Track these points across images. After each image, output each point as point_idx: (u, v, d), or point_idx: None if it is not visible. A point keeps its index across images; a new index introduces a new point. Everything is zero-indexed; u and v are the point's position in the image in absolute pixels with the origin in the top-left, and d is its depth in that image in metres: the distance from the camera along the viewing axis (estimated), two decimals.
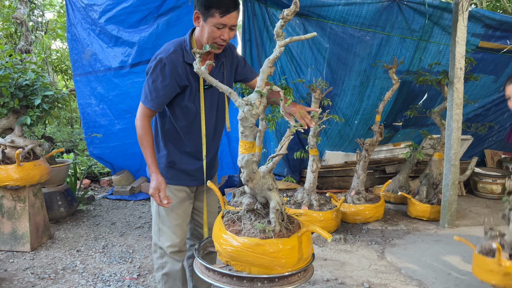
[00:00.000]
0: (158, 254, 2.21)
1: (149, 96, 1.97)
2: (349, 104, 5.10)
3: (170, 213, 2.15)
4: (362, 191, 4.37)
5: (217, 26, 1.88)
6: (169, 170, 2.13)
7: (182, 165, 2.13)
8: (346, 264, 3.28)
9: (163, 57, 1.95)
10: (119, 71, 4.73)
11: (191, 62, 1.96)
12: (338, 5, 4.43)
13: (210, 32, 1.91)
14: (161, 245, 2.18)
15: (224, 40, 1.93)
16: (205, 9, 1.87)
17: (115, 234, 3.98)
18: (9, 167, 3.34)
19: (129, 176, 5.48)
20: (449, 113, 4.08)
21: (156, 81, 1.95)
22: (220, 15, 1.86)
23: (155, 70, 1.95)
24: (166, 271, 2.20)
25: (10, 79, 3.35)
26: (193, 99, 2.05)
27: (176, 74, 1.95)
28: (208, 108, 2.10)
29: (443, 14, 4.56)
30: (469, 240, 3.72)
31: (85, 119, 5.00)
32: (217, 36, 1.91)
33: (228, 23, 1.89)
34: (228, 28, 1.91)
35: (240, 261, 1.61)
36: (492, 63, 5.06)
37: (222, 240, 1.65)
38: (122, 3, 4.41)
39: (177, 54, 1.97)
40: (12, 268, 3.18)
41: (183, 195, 2.18)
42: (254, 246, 1.59)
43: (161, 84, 1.94)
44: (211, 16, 1.87)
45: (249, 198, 1.73)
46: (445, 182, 4.16)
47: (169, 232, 2.16)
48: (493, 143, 6.15)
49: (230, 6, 1.86)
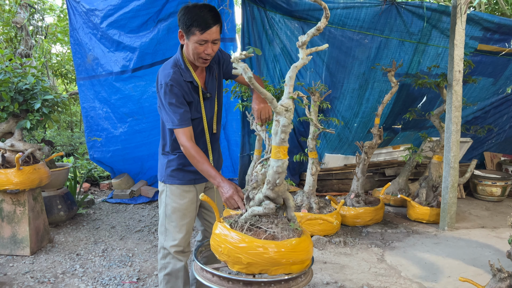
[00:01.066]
0: (161, 254, 2.27)
1: (174, 118, 2.04)
2: (348, 107, 5.11)
3: (177, 213, 2.23)
4: (362, 194, 4.37)
5: (199, 43, 1.98)
6: (179, 172, 2.23)
7: (191, 166, 2.19)
8: (346, 267, 3.28)
9: (167, 81, 2.04)
10: (120, 75, 4.75)
11: (189, 80, 2.09)
12: (336, 8, 4.45)
13: (193, 49, 2.01)
14: (166, 245, 2.24)
15: (208, 54, 2.02)
16: (186, 28, 1.97)
17: (114, 237, 3.98)
18: (9, 171, 3.35)
19: (129, 180, 5.48)
20: (448, 115, 4.08)
21: (172, 102, 2.04)
22: (200, 32, 1.94)
23: (166, 94, 2.05)
24: (168, 271, 2.25)
25: (10, 83, 3.36)
26: (195, 111, 2.16)
27: (183, 91, 2.07)
28: (209, 115, 2.24)
29: (442, 17, 4.58)
30: (469, 244, 3.73)
31: (88, 122, 5.02)
32: (201, 52, 2.02)
33: (209, 39, 1.98)
34: (210, 43, 2.00)
35: (281, 264, 1.64)
36: (490, 65, 5.08)
37: (257, 249, 1.62)
38: (123, 8, 4.43)
39: (176, 75, 2.07)
40: (12, 272, 3.17)
41: (191, 196, 2.26)
42: (297, 245, 1.66)
43: (177, 102, 2.04)
44: (192, 34, 1.96)
45: (270, 204, 1.72)
46: (445, 184, 4.16)
47: (174, 232, 2.23)
48: (492, 146, 6.16)
49: (209, 22, 1.94)
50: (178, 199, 2.23)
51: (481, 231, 4.12)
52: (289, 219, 1.77)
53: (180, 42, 2.08)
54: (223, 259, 1.71)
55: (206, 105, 2.20)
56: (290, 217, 1.77)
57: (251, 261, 1.62)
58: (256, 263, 1.62)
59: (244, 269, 1.65)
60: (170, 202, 2.24)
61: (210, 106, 2.24)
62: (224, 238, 1.69)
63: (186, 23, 1.96)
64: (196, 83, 2.12)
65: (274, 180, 1.66)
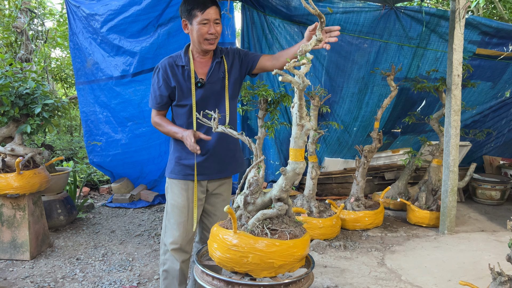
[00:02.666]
0: (162, 250, 2.35)
1: (150, 98, 2.31)
2: (348, 111, 5.12)
3: (176, 210, 2.28)
4: (362, 198, 4.38)
5: (202, 23, 2.11)
6: (176, 165, 2.29)
7: (186, 160, 2.27)
8: (346, 271, 3.28)
9: (158, 64, 2.26)
10: (120, 80, 4.75)
11: (181, 64, 2.22)
12: (336, 13, 4.48)
13: (198, 30, 2.13)
14: (165, 241, 2.30)
15: (212, 33, 2.14)
16: (188, 13, 2.14)
17: (114, 242, 3.97)
18: (9, 175, 3.35)
19: (128, 184, 5.48)
20: (447, 119, 4.10)
21: (154, 84, 2.26)
22: (201, 12, 2.10)
23: (153, 76, 2.27)
24: (166, 268, 2.31)
25: (11, 87, 3.36)
26: (185, 97, 2.24)
27: (167, 74, 2.22)
28: (203, 105, 2.25)
29: (440, 22, 4.61)
30: (469, 248, 3.73)
31: (88, 127, 5.01)
32: (205, 32, 2.13)
33: (210, 18, 2.12)
34: (212, 22, 2.13)
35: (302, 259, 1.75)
36: (489, 69, 5.10)
37: (290, 250, 1.66)
38: (123, 13, 4.44)
39: (170, 59, 2.25)
40: (12, 276, 3.17)
41: (189, 194, 2.29)
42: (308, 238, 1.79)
43: (157, 86, 2.25)
44: (194, 16, 2.12)
45: (284, 205, 1.74)
46: (444, 188, 4.17)
47: (172, 229, 2.27)
48: (491, 149, 6.17)
49: (207, 2, 2.11)
50: (176, 196, 2.28)
51: (481, 235, 4.13)
52: (289, 216, 1.80)
53: (185, 32, 2.20)
54: (247, 269, 1.66)
55: (198, 93, 2.23)
56: (291, 214, 1.81)
57: (283, 263, 1.65)
58: (287, 263, 1.66)
59: (272, 273, 1.67)
60: (170, 199, 2.31)
61: (205, 96, 2.25)
62: (251, 247, 1.62)
63: (187, 9, 2.14)
64: (189, 67, 2.21)
65: (293, 182, 1.71)
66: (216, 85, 2.26)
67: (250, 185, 1.79)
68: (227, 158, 2.36)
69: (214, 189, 2.39)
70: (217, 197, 2.41)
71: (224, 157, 2.35)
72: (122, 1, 4.38)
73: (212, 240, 1.74)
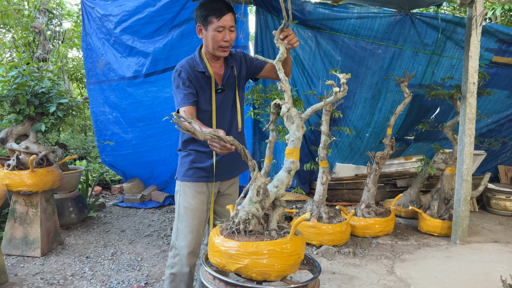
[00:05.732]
0: (172, 253, 2.33)
1: (179, 97, 2.16)
2: (360, 116, 5.09)
3: (189, 213, 2.28)
4: (372, 205, 4.33)
5: (217, 30, 2.12)
6: (189, 169, 2.29)
7: (200, 163, 2.28)
8: (354, 278, 3.24)
9: (178, 67, 2.22)
10: (132, 80, 4.80)
11: (201, 70, 2.21)
12: (350, 18, 4.46)
13: (213, 37, 2.13)
14: (177, 244, 2.29)
15: (227, 41, 2.14)
16: (204, 19, 2.13)
17: (124, 241, 4.00)
18: (23, 172, 3.40)
19: (140, 184, 5.52)
20: (462, 128, 4.04)
21: (179, 86, 2.18)
22: (217, 19, 2.10)
23: (175, 80, 2.21)
24: (175, 271, 2.29)
25: (27, 86, 3.42)
26: (206, 103, 2.23)
27: (192, 77, 2.20)
28: (222, 110, 2.28)
29: (456, 29, 4.55)
30: (481, 259, 3.66)
31: (98, 127, 5.07)
32: (220, 39, 2.14)
33: (226, 25, 2.12)
34: (227, 29, 2.13)
35: None
36: (506, 78, 5.02)
37: None
38: (137, 14, 4.50)
39: (189, 63, 2.23)
40: (22, 273, 3.21)
41: (203, 197, 2.30)
42: None
43: (183, 86, 2.18)
44: (210, 23, 2.12)
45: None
46: (457, 197, 4.10)
47: (185, 232, 2.27)
48: (507, 159, 6.06)
49: (223, 9, 2.11)
50: (190, 199, 2.27)
51: (494, 246, 4.05)
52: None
53: (199, 37, 2.21)
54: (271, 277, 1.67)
55: (218, 99, 2.25)
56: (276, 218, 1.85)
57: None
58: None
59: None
60: (183, 202, 2.30)
61: (223, 102, 2.28)
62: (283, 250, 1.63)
63: (203, 14, 2.13)
64: (209, 73, 2.22)
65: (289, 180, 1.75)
66: (230, 90, 2.31)
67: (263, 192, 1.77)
68: (237, 157, 2.38)
69: (226, 189, 2.42)
70: (227, 198, 2.43)
71: (235, 157, 2.36)
72: (136, 2, 4.43)
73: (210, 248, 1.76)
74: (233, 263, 1.61)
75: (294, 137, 1.75)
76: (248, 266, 1.58)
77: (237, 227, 1.69)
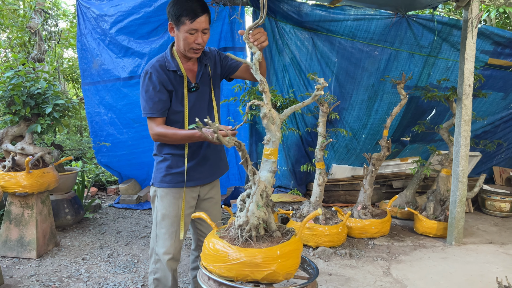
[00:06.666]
0: (153, 259, 2.28)
1: (147, 106, 2.10)
2: (357, 118, 5.10)
3: (167, 220, 2.21)
4: (369, 206, 4.34)
5: (189, 32, 2.02)
6: (166, 175, 2.21)
7: (177, 168, 2.20)
8: (351, 279, 3.25)
9: (148, 68, 2.11)
10: (128, 81, 4.78)
11: (173, 69, 2.11)
12: (347, 20, 4.47)
13: (184, 39, 2.04)
14: (157, 251, 2.24)
15: (199, 44, 2.05)
16: (176, 19, 2.01)
17: (120, 243, 3.99)
18: (19, 174, 3.39)
19: (135, 185, 5.50)
20: (457, 129, 4.06)
21: (148, 90, 2.09)
22: (190, 21, 1.99)
23: (144, 82, 2.10)
24: (158, 276, 2.26)
25: (23, 87, 3.40)
26: (179, 102, 2.15)
27: (162, 79, 2.09)
28: (197, 109, 2.19)
29: (452, 31, 4.58)
30: (477, 260, 3.68)
31: (93, 128, 5.05)
32: (192, 42, 2.04)
33: (199, 28, 2.02)
34: (200, 32, 2.03)
35: None
36: (501, 80, 5.05)
37: None
38: (133, 14, 4.48)
39: (160, 63, 2.12)
40: (18, 275, 3.19)
41: (181, 202, 2.22)
42: None
43: (154, 91, 2.08)
44: (182, 24, 2.01)
45: None
46: (453, 199, 4.12)
47: (164, 239, 2.22)
48: (501, 160, 6.09)
49: (198, 11, 1.99)
50: (168, 205, 2.21)
51: (489, 247, 4.07)
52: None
53: (170, 34, 2.11)
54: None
55: (191, 99, 2.17)
56: None
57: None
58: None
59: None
60: (160, 209, 2.23)
61: (198, 101, 2.19)
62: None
63: (175, 13, 2.01)
64: (181, 72, 2.13)
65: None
66: (205, 88, 2.22)
67: None
68: (217, 159, 2.34)
69: (206, 193, 2.35)
70: (209, 201, 2.38)
71: (215, 159, 2.32)
72: (132, 3, 4.42)
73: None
74: (260, 271, 1.60)
75: (275, 138, 1.77)
76: (276, 271, 1.61)
77: (249, 234, 1.67)
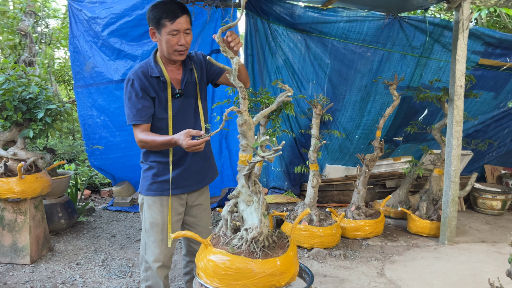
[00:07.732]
0: (143, 266, 2.28)
1: (131, 113, 2.09)
2: (350, 119, 5.12)
3: (155, 228, 2.21)
4: (362, 206, 4.37)
5: (171, 34, 2.01)
6: (153, 183, 2.20)
7: (164, 176, 2.19)
8: (345, 281, 3.27)
9: (130, 75, 2.10)
10: (121, 83, 4.75)
11: (156, 75, 2.10)
12: (339, 21, 4.49)
13: (167, 41, 2.03)
14: (147, 258, 2.24)
15: (182, 45, 2.04)
16: (157, 22, 2.02)
17: (115, 247, 3.97)
18: (11, 179, 3.36)
19: (129, 188, 5.48)
20: (449, 130, 4.10)
21: (131, 98, 2.08)
22: (170, 22, 2.00)
23: (126, 89, 2.09)
24: (150, 284, 2.26)
25: (14, 92, 3.37)
26: (163, 109, 2.13)
27: (144, 86, 2.08)
28: (183, 115, 2.18)
29: (444, 32, 4.61)
30: (469, 259, 3.72)
31: (86, 131, 5.02)
32: (175, 43, 2.04)
33: (180, 28, 2.01)
34: (182, 33, 2.03)
35: None
36: (492, 80, 5.10)
37: None
38: (125, 17, 4.46)
39: (142, 69, 2.11)
40: (12, 281, 3.17)
41: (168, 210, 2.21)
42: None
43: (136, 98, 2.07)
44: (163, 26, 2.01)
45: None
46: (445, 198, 4.16)
47: (153, 247, 2.21)
48: (493, 159, 6.16)
49: (177, 12, 2.00)
50: (155, 213, 2.20)
51: (481, 246, 4.12)
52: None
53: (152, 40, 2.11)
54: None
55: (175, 105, 2.15)
56: None
57: None
58: None
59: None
60: (148, 217, 2.22)
61: (183, 107, 2.17)
62: None
63: (155, 16, 2.01)
64: (164, 78, 2.11)
65: None
66: (191, 93, 2.21)
67: None
68: (205, 166, 2.32)
69: (194, 200, 2.34)
70: (198, 208, 2.37)
71: (203, 166, 2.30)
72: (124, 5, 4.40)
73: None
74: (284, 278, 1.71)
75: (251, 144, 1.83)
76: (295, 273, 1.77)
77: (262, 245, 1.72)
